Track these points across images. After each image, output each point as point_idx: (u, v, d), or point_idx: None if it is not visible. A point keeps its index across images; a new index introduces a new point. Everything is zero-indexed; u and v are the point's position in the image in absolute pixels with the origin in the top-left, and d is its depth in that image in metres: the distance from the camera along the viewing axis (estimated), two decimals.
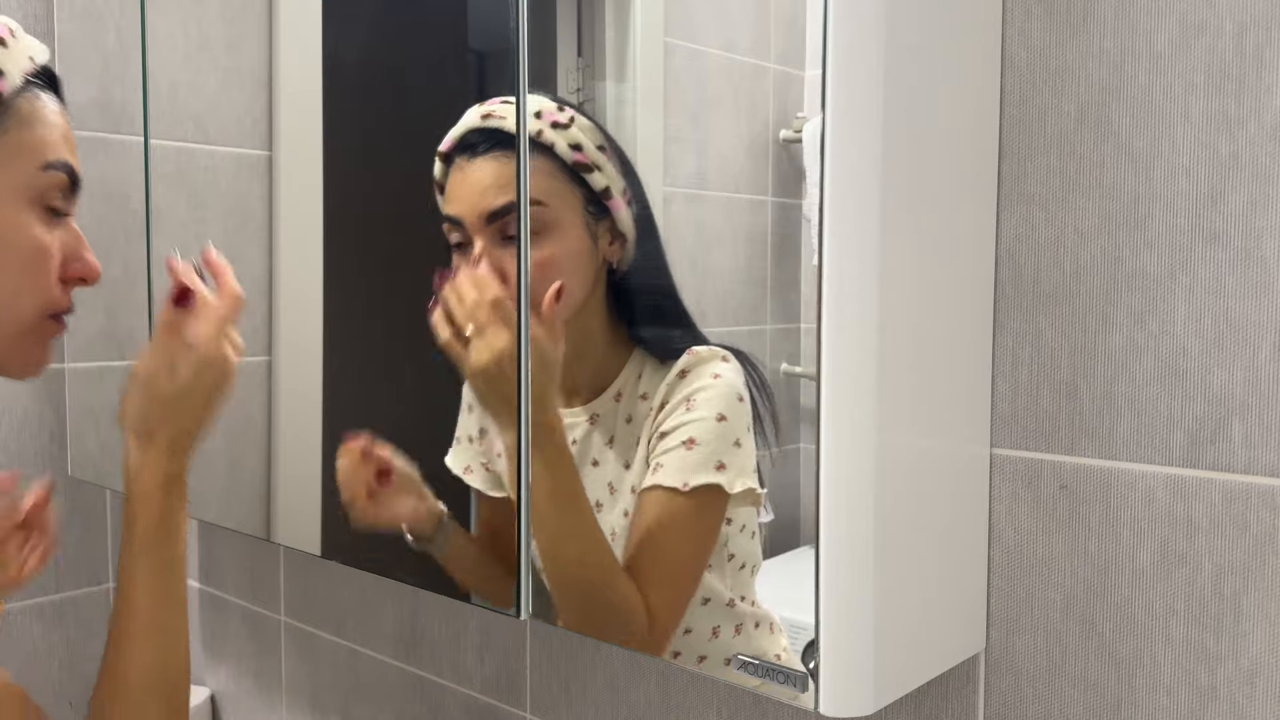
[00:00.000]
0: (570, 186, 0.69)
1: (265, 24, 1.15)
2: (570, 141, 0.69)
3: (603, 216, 0.69)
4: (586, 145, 0.69)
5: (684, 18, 0.82)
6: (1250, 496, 0.69)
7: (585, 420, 0.75)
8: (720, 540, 0.73)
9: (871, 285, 0.67)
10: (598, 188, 0.69)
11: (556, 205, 0.68)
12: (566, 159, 0.69)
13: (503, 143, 0.69)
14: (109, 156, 1.38)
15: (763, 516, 0.77)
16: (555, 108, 0.69)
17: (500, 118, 0.70)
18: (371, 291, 1.08)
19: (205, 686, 1.55)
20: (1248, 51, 0.68)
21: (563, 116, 0.69)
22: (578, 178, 0.69)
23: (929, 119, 0.71)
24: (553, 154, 0.68)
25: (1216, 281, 0.70)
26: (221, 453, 1.23)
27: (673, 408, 0.69)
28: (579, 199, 0.69)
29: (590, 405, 0.75)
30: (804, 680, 0.71)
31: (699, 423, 0.68)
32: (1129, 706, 0.74)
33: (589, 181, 0.69)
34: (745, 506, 0.72)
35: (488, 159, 0.71)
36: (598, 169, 0.69)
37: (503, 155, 0.69)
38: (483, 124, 0.72)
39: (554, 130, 0.68)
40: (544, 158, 0.69)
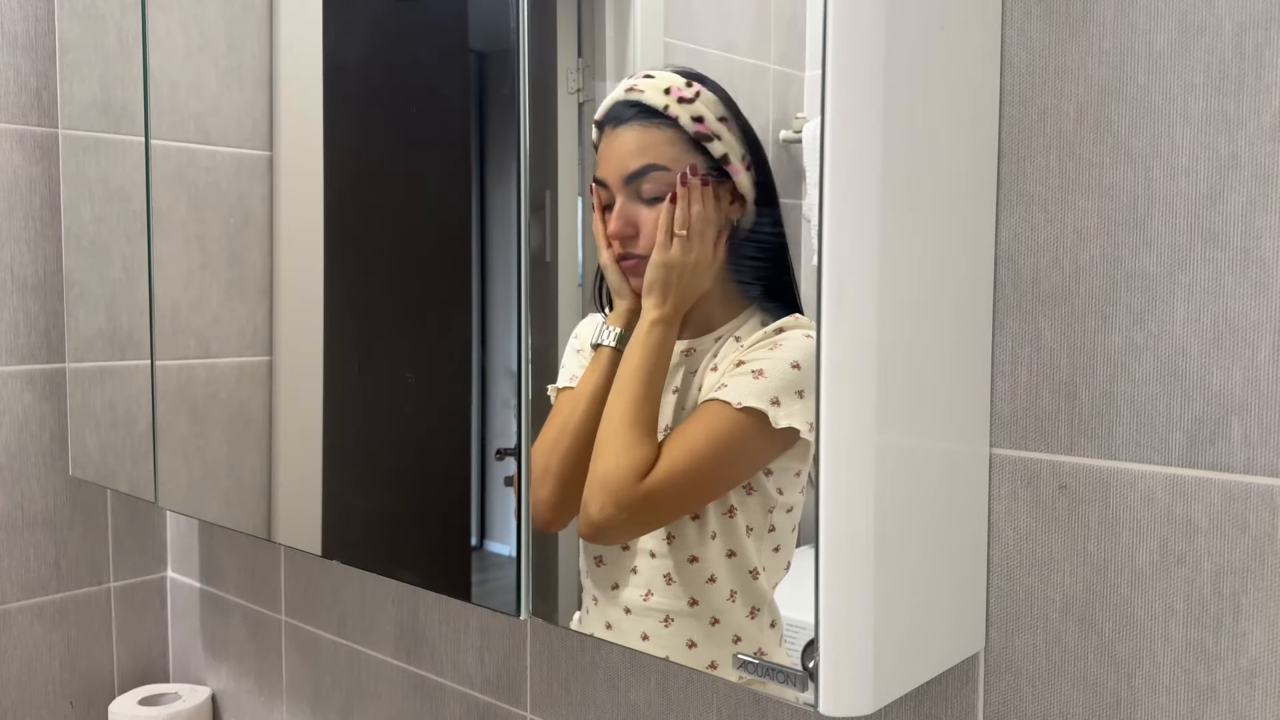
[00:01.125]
0: (692, 154, 0.79)
1: (265, 24, 1.15)
2: (693, 114, 0.79)
3: (723, 180, 0.79)
4: (707, 116, 0.79)
5: (684, 18, 0.83)
6: (1249, 496, 0.69)
7: (680, 353, 0.83)
8: (765, 506, 0.80)
9: (871, 285, 0.67)
10: (717, 154, 0.78)
11: (679, 170, 0.80)
12: (688, 129, 0.79)
13: (642, 112, 0.81)
14: (109, 156, 1.38)
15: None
16: (684, 84, 0.79)
17: (640, 91, 0.81)
18: (371, 291, 1.08)
19: (205, 686, 1.56)
20: (1247, 52, 0.68)
21: (689, 92, 0.79)
22: (699, 146, 0.79)
23: (929, 119, 0.71)
24: (677, 125, 0.79)
25: (1216, 281, 0.70)
26: (221, 453, 1.24)
27: (758, 348, 0.79)
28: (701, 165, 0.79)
29: (689, 341, 0.83)
30: (804, 680, 0.71)
31: (773, 361, 0.77)
32: (1128, 706, 0.74)
33: (709, 149, 0.78)
34: (791, 461, 0.78)
35: (629, 127, 0.82)
36: (717, 138, 0.78)
37: (641, 124, 0.81)
38: (626, 96, 0.82)
39: (679, 104, 0.79)
40: (670, 128, 0.80)
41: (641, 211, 0.81)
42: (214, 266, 1.22)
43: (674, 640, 0.82)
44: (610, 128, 0.83)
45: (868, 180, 0.67)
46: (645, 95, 0.80)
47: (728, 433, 0.78)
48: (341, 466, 1.12)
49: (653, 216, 0.80)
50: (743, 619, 0.80)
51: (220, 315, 1.22)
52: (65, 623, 1.52)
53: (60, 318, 1.49)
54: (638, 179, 0.81)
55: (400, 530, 1.06)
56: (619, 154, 0.82)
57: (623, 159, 0.82)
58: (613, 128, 0.82)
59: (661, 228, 0.81)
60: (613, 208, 0.83)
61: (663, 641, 0.82)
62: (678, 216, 0.80)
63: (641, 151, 0.81)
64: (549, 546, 0.89)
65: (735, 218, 0.79)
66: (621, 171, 0.81)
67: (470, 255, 0.95)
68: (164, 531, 1.62)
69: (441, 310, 1.00)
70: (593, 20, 0.86)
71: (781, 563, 0.81)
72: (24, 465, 1.47)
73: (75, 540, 1.52)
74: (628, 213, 0.81)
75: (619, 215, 0.82)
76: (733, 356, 0.80)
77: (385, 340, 1.06)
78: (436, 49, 1.00)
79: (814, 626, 0.68)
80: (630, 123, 0.81)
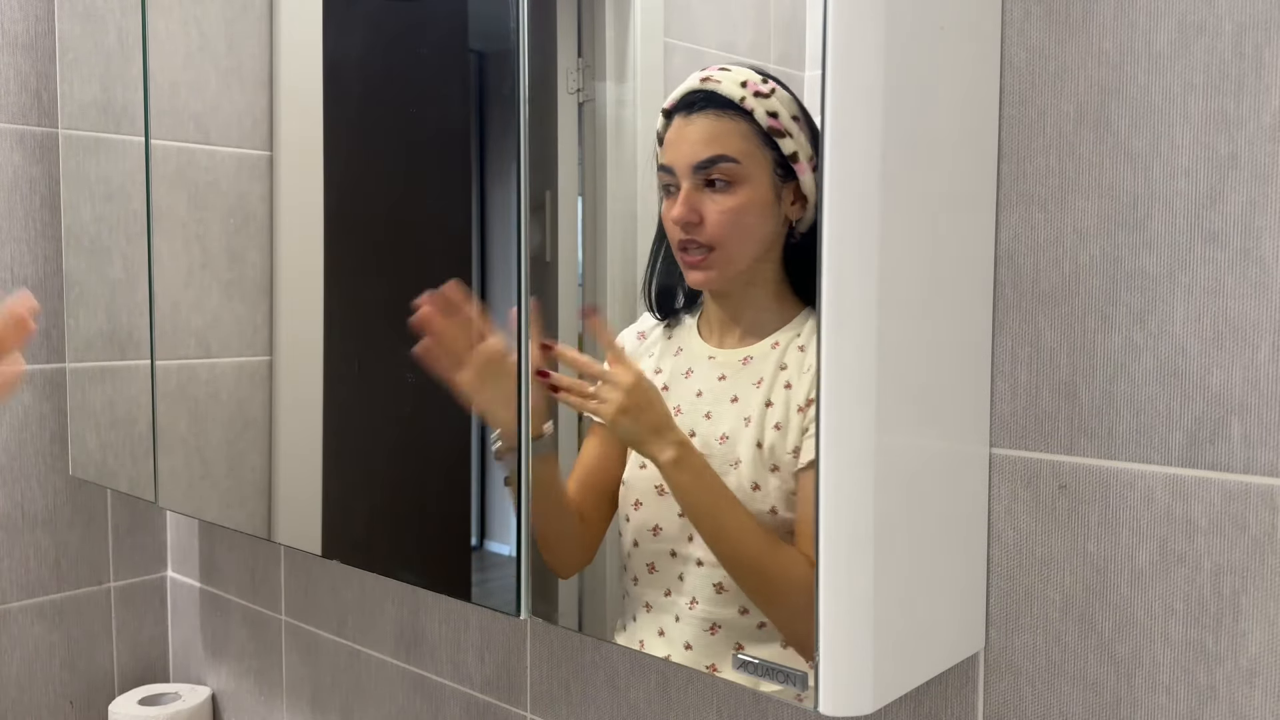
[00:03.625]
0: (762, 148, 0.79)
1: (265, 24, 1.15)
2: (768, 109, 0.79)
3: (789, 178, 0.79)
4: (782, 113, 0.79)
5: (684, 18, 0.83)
6: (1249, 496, 0.69)
7: (738, 360, 0.83)
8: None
9: (871, 285, 0.67)
10: (787, 152, 0.78)
11: (748, 163, 0.80)
12: (762, 124, 0.79)
13: (716, 103, 0.81)
14: (109, 156, 1.38)
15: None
16: (760, 79, 0.79)
17: (716, 81, 0.81)
18: (371, 291, 1.08)
19: (205, 686, 1.56)
20: (1247, 52, 0.68)
21: (765, 87, 0.79)
22: (770, 141, 0.79)
23: (928, 119, 0.71)
24: (751, 118, 0.79)
25: (1215, 281, 0.70)
26: (221, 452, 1.24)
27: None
28: (769, 160, 0.79)
29: (747, 348, 0.83)
30: (804, 680, 0.71)
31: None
32: (1128, 705, 0.74)
33: (780, 146, 0.78)
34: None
35: (702, 115, 0.81)
36: (789, 135, 0.78)
37: (715, 114, 0.81)
38: (701, 86, 0.81)
39: (755, 98, 0.79)
40: (744, 120, 0.80)
41: (707, 200, 0.81)
42: (214, 266, 1.22)
43: (720, 648, 0.81)
44: (681, 115, 0.82)
45: (868, 180, 0.67)
46: (721, 86, 0.80)
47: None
48: (341, 466, 1.12)
49: (717, 206, 0.81)
50: (754, 629, 0.79)
51: (220, 315, 1.22)
52: (65, 623, 1.52)
53: (60, 318, 1.49)
54: (706, 168, 0.81)
55: (400, 530, 1.06)
56: (689, 141, 0.82)
57: (693, 147, 0.81)
58: (684, 115, 0.82)
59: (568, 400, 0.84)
60: (674, 193, 0.83)
61: (708, 649, 0.82)
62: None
63: (712, 141, 0.81)
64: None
65: (795, 218, 0.79)
66: (691, 159, 0.81)
67: (470, 255, 0.95)
68: (164, 531, 1.62)
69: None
70: (593, 20, 0.86)
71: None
72: (24, 465, 1.47)
73: (75, 540, 1.52)
74: (693, 200, 0.81)
75: (684, 201, 0.81)
76: (801, 381, 0.78)
77: (385, 340, 1.06)
78: (436, 49, 1.00)
79: (814, 626, 0.68)
80: (703, 112, 0.81)
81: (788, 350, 0.80)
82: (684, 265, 0.83)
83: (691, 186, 0.81)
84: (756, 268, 0.81)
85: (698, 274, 0.83)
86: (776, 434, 0.78)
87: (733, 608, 0.80)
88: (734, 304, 0.84)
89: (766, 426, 0.79)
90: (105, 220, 1.39)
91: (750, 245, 0.81)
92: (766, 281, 0.81)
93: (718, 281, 0.83)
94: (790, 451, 0.78)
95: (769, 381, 0.80)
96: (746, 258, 0.82)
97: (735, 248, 0.81)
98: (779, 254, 0.80)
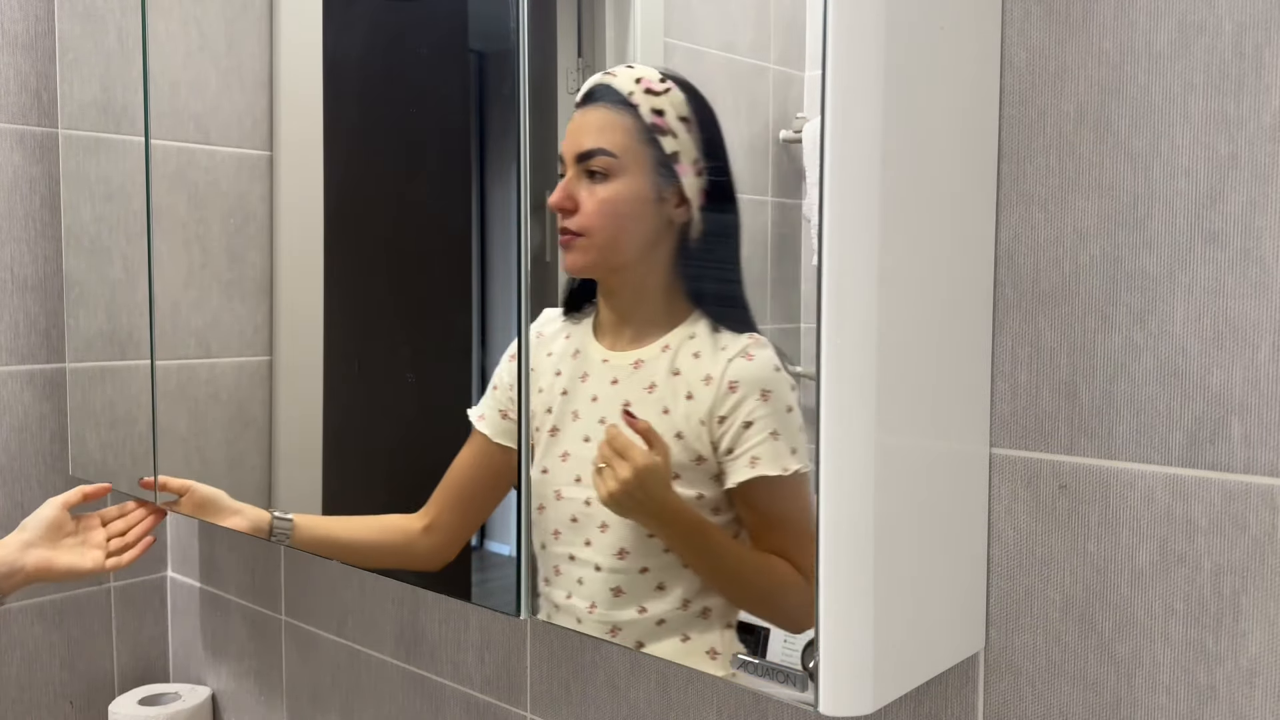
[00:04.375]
0: (643, 145, 0.81)
1: (265, 24, 1.15)
2: (654, 107, 0.80)
3: (672, 179, 0.80)
4: (669, 113, 0.80)
5: (684, 18, 0.83)
6: (1249, 496, 0.69)
7: (630, 364, 0.84)
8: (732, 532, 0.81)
9: (871, 285, 0.67)
10: (667, 150, 0.80)
11: (626, 158, 0.81)
12: (645, 119, 0.80)
13: (608, 97, 0.83)
14: (109, 156, 1.38)
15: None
16: (658, 79, 0.81)
17: (613, 76, 0.83)
18: (372, 291, 1.08)
19: (205, 686, 1.56)
20: (1247, 52, 0.68)
21: (660, 86, 0.80)
22: (653, 139, 0.80)
23: (928, 119, 0.71)
24: (636, 113, 0.81)
25: (1215, 281, 0.70)
26: (221, 452, 1.24)
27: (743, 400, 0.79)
28: (649, 157, 0.80)
29: (638, 351, 0.84)
30: (804, 680, 0.71)
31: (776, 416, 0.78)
32: (1128, 705, 0.74)
33: (661, 143, 0.80)
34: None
35: (594, 108, 0.84)
36: (672, 135, 0.80)
37: (605, 107, 0.83)
38: (600, 80, 0.84)
39: (644, 95, 0.81)
40: (629, 115, 0.81)
41: (584, 189, 0.83)
42: (214, 266, 1.22)
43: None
44: (580, 108, 0.85)
45: (868, 180, 0.67)
46: (615, 80, 0.82)
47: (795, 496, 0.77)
48: (342, 466, 1.12)
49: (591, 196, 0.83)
50: (694, 618, 0.82)
51: (220, 315, 1.22)
52: (65, 623, 1.52)
53: (60, 318, 1.49)
54: (586, 158, 0.83)
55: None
56: (577, 132, 0.84)
57: (579, 137, 0.84)
58: (581, 108, 0.85)
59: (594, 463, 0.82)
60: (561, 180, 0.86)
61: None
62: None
63: (596, 133, 0.83)
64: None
65: (680, 221, 0.80)
66: (575, 149, 0.84)
67: (470, 255, 0.95)
68: (164, 531, 1.62)
69: (441, 310, 1.00)
70: (593, 20, 0.86)
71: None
72: (24, 465, 1.47)
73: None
74: (571, 187, 0.84)
75: (562, 188, 0.84)
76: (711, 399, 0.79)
77: (385, 340, 1.06)
78: (436, 49, 1.00)
79: (814, 626, 0.68)
80: (596, 104, 0.84)
81: (679, 354, 0.81)
82: (561, 250, 0.85)
83: (573, 175, 0.84)
84: (642, 267, 0.82)
85: (567, 256, 0.85)
86: (677, 443, 0.80)
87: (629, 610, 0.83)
88: (623, 304, 0.85)
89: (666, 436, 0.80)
90: (105, 220, 1.39)
91: (623, 238, 0.83)
92: (655, 283, 0.82)
93: (583, 267, 0.85)
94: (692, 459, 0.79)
95: (663, 387, 0.81)
96: (621, 251, 0.84)
97: (604, 237, 0.83)
98: (668, 256, 0.81)
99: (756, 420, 0.78)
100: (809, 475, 0.75)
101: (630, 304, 0.85)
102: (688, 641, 0.81)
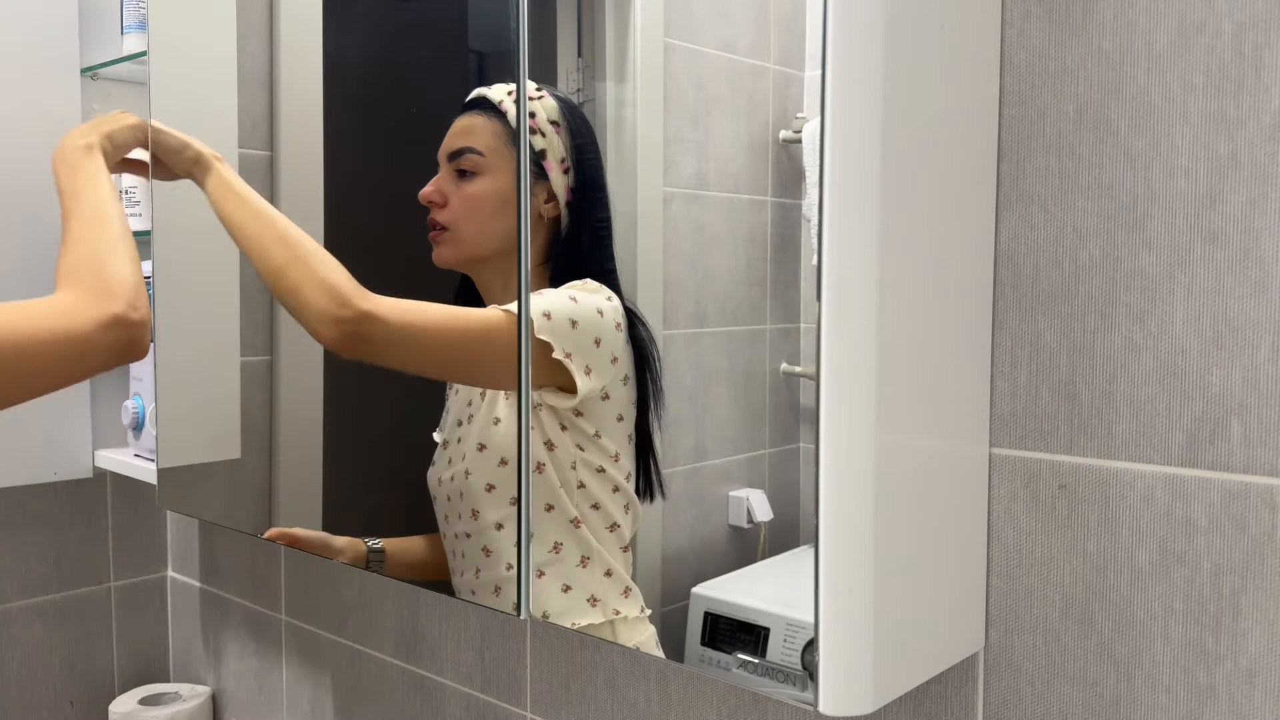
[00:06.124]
0: (509, 146, 0.87)
1: (265, 24, 1.15)
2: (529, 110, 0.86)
3: (541, 178, 0.86)
4: (540, 115, 0.86)
5: (684, 18, 0.83)
6: (1249, 496, 0.69)
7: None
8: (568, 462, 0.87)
9: (871, 285, 0.67)
10: (536, 148, 0.85)
11: (491, 156, 0.89)
12: (512, 122, 0.86)
13: (480, 105, 0.91)
14: None
15: (757, 515, 0.83)
16: (534, 88, 0.86)
17: (489, 88, 0.90)
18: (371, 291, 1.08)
19: (205, 686, 1.56)
20: (1246, 52, 0.68)
21: (536, 93, 0.86)
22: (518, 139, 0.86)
23: (928, 119, 0.71)
24: (504, 118, 0.88)
25: (1215, 281, 0.70)
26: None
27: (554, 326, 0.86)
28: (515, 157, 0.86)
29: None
30: (804, 680, 0.71)
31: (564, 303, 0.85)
32: (1128, 705, 0.74)
33: (531, 143, 0.85)
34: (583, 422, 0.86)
35: (468, 114, 0.91)
36: (540, 134, 0.86)
37: (477, 113, 0.91)
38: (478, 92, 0.91)
39: (512, 102, 0.87)
40: (497, 120, 0.89)
41: (454, 186, 0.90)
42: (214, 266, 1.22)
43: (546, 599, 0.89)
44: (459, 116, 0.92)
45: (868, 180, 0.67)
46: (490, 92, 0.90)
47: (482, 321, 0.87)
48: (342, 466, 1.12)
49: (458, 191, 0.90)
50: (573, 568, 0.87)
51: (221, 315, 1.22)
52: (65, 623, 1.52)
53: None
54: (456, 157, 0.90)
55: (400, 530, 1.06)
56: (450, 135, 0.91)
57: (452, 139, 0.91)
58: (460, 116, 0.92)
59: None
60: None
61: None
62: None
63: (466, 135, 0.90)
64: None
65: (550, 216, 0.86)
66: (447, 149, 0.91)
67: None
68: (164, 531, 1.62)
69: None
70: (593, 20, 0.86)
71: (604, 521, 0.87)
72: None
73: (75, 540, 1.52)
74: (442, 184, 0.91)
75: (433, 183, 0.91)
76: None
77: None
78: (436, 49, 1.00)
79: (814, 626, 0.68)
80: (470, 112, 0.91)
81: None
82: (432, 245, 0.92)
83: (445, 173, 0.91)
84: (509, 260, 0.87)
85: (436, 250, 0.92)
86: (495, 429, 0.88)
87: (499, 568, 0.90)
88: (495, 298, 0.90)
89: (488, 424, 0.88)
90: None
91: (486, 231, 0.90)
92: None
93: (450, 259, 0.92)
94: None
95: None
96: (482, 242, 0.91)
97: (469, 230, 0.91)
98: (541, 247, 0.87)
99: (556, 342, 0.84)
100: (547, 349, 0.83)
101: (501, 297, 0.89)
102: (569, 592, 0.87)
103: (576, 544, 0.87)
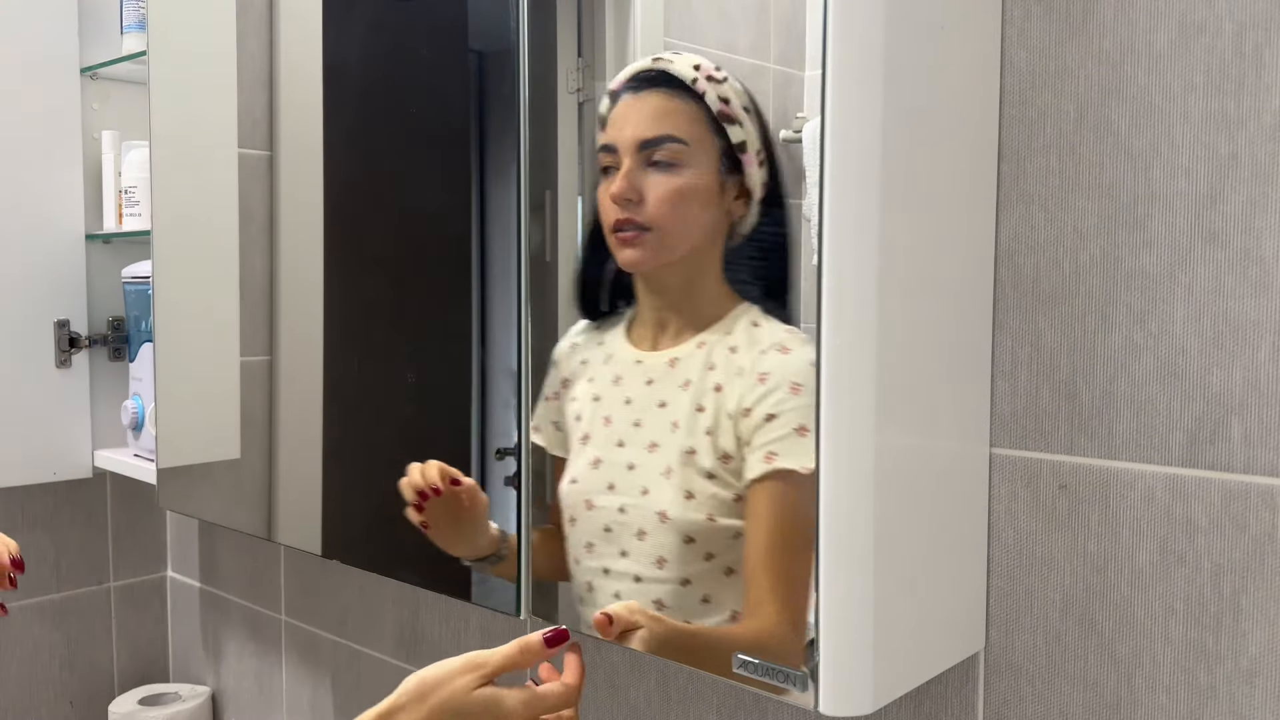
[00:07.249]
0: (711, 134, 0.77)
1: (265, 24, 1.15)
2: (720, 94, 0.77)
3: (734, 171, 0.77)
4: (734, 101, 0.77)
5: (684, 18, 0.82)
6: (1249, 496, 0.69)
7: (665, 363, 0.81)
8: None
9: (871, 285, 0.67)
10: (735, 140, 0.76)
11: (695, 146, 0.78)
12: (713, 108, 0.77)
13: (668, 83, 0.78)
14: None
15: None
16: (713, 66, 0.77)
17: (669, 61, 0.79)
18: (372, 291, 1.08)
19: (205, 686, 1.56)
20: (1247, 52, 0.68)
21: (719, 74, 0.77)
22: (720, 128, 0.77)
23: (928, 119, 0.71)
24: (702, 101, 0.77)
25: (1215, 281, 0.70)
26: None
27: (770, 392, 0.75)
28: (717, 147, 0.77)
29: (673, 349, 0.81)
30: (804, 680, 0.71)
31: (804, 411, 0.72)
32: (1128, 705, 0.74)
33: (729, 133, 0.76)
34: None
35: (652, 94, 0.79)
36: (739, 124, 0.77)
37: (665, 93, 0.78)
38: (653, 65, 0.80)
39: (708, 81, 0.77)
40: (694, 103, 0.77)
41: (649, 179, 0.78)
42: (214, 266, 1.22)
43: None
44: (630, 94, 0.80)
45: (867, 180, 0.67)
46: (674, 66, 0.78)
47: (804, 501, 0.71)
48: (342, 466, 1.12)
49: (660, 186, 0.77)
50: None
51: (221, 315, 1.22)
52: (65, 623, 1.52)
53: None
54: (652, 146, 0.78)
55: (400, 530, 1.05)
56: (636, 119, 0.79)
57: (640, 124, 0.78)
58: (633, 93, 0.80)
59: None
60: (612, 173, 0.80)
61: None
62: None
63: (661, 119, 0.78)
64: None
65: (739, 214, 0.77)
66: (636, 136, 0.78)
67: (470, 255, 0.95)
68: (164, 531, 1.62)
69: (441, 310, 1.00)
70: (593, 20, 0.86)
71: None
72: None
73: (75, 540, 1.52)
74: (634, 178, 0.78)
75: (625, 177, 0.78)
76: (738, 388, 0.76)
77: (385, 340, 1.06)
78: (436, 49, 1.00)
79: (814, 626, 0.68)
80: (654, 90, 0.78)
81: (714, 350, 0.78)
82: (617, 245, 0.80)
83: (634, 164, 0.78)
84: (694, 262, 0.78)
85: (630, 252, 0.79)
86: (708, 440, 0.76)
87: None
88: (670, 300, 0.81)
89: (698, 432, 0.76)
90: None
91: (688, 232, 0.78)
92: (705, 279, 0.79)
93: (648, 264, 0.80)
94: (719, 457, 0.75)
95: (698, 384, 0.78)
96: (683, 245, 0.79)
97: (672, 231, 0.78)
98: (720, 252, 0.78)
99: (782, 414, 0.73)
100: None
101: (677, 300, 0.80)
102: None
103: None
